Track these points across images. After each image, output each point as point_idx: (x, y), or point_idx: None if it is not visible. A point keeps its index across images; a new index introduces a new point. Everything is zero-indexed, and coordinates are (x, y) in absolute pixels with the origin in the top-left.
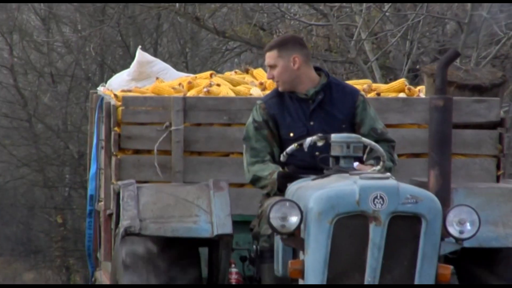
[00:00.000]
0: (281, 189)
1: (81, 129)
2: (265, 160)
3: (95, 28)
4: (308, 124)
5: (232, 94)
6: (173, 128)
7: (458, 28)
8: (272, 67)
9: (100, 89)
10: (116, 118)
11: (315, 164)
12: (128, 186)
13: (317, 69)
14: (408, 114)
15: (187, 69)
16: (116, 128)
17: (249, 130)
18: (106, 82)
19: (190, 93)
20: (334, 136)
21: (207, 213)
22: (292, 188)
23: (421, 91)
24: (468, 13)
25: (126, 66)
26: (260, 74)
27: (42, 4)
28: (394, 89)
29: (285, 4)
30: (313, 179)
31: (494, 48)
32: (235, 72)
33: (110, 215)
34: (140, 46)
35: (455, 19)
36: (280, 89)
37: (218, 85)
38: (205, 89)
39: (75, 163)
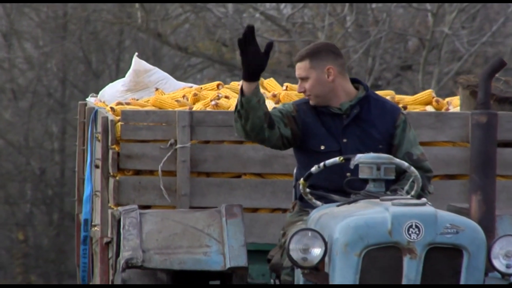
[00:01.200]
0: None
1: (42, 145)
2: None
3: (56, 44)
4: (340, 140)
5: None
6: (178, 146)
7: (420, 45)
8: (304, 79)
9: (91, 100)
10: (115, 134)
11: (343, 187)
12: (130, 212)
13: (355, 81)
14: (441, 131)
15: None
16: (114, 146)
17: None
18: (95, 93)
19: (197, 107)
20: (361, 156)
21: (219, 243)
22: (315, 215)
23: (450, 103)
24: (430, 29)
25: (87, 82)
26: (272, 84)
27: (3, 20)
28: (420, 101)
29: (247, 20)
30: (338, 205)
31: (456, 64)
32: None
33: (108, 243)
34: (136, 53)
35: (417, 35)
36: (311, 103)
37: (227, 97)
38: (212, 102)
39: (36, 179)
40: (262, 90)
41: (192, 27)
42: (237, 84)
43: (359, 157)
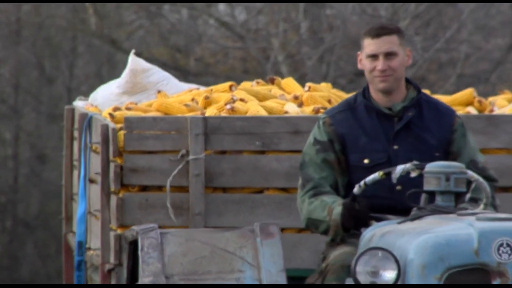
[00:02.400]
0: (348, 230)
1: None
2: (323, 192)
3: (9, 50)
4: (390, 148)
5: (263, 112)
6: (190, 157)
7: None
8: (390, 55)
9: (80, 104)
10: (117, 145)
11: (394, 202)
12: (149, 232)
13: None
14: (494, 136)
15: None
16: (116, 159)
17: (308, 153)
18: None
19: (209, 112)
20: (429, 166)
21: (253, 268)
22: (369, 234)
23: (493, 103)
24: None
25: (41, 88)
26: (291, 85)
27: None
28: (460, 101)
29: (201, 27)
30: (400, 222)
31: (410, 70)
32: (257, 83)
33: (110, 270)
34: (133, 51)
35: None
36: (382, 86)
37: (242, 100)
38: (227, 106)
39: None
40: (280, 92)
41: (147, 33)
42: (250, 85)
43: (400, 169)
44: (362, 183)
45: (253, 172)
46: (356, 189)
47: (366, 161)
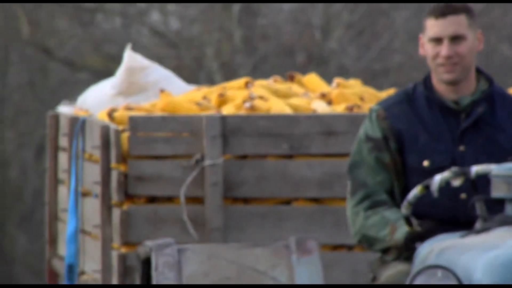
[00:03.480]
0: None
1: None
2: (380, 203)
3: None
4: (456, 149)
5: (288, 110)
6: (206, 163)
7: (308, 60)
8: (458, 39)
9: (65, 110)
10: (120, 149)
11: (457, 213)
12: (164, 248)
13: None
14: None
15: (38, 101)
16: (119, 165)
17: (358, 152)
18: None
19: (226, 111)
20: (498, 168)
21: None
22: (427, 250)
23: None
24: (318, 45)
25: None
26: (314, 82)
27: None
28: None
29: (135, 35)
30: (463, 236)
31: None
32: (275, 81)
33: None
34: (129, 45)
35: (305, 51)
36: (447, 77)
37: (262, 97)
38: (246, 104)
39: None
40: (301, 89)
41: (80, 42)
42: (267, 83)
43: (438, 180)
44: (405, 202)
45: (279, 180)
46: (404, 209)
47: (426, 163)
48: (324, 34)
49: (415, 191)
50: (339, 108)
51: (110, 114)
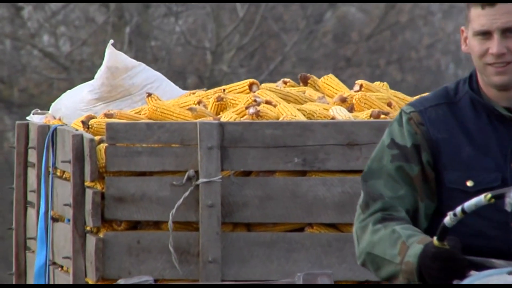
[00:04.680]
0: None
1: None
2: (396, 218)
3: None
4: (507, 166)
5: (301, 117)
6: (201, 180)
7: (199, 82)
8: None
9: (36, 119)
10: (96, 164)
11: (507, 244)
12: None
13: None
14: None
15: None
16: (95, 183)
17: (379, 159)
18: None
19: (226, 117)
20: None
21: None
22: None
23: None
24: (209, 67)
25: None
26: (332, 84)
27: None
28: None
29: (25, 58)
30: None
31: None
32: (284, 83)
33: None
34: (111, 41)
35: (196, 73)
36: (498, 80)
37: (269, 102)
38: (250, 110)
39: None
40: (317, 93)
41: None
42: (275, 86)
43: None
44: (458, 209)
45: (289, 202)
46: (448, 220)
47: (469, 183)
48: (215, 57)
49: (481, 199)
50: (362, 115)
51: (85, 122)
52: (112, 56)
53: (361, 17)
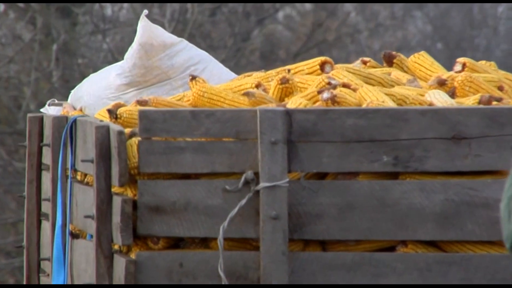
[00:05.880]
0: None
1: None
2: None
3: None
4: None
5: (390, 103)
6: (262, 185)
7: None
8: None
9: (52, 111)
10: (126, 164)
11: None
12: None
13: None
14: None
15: None
16: (125, 189)
17: None
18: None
19: (293, 104)
20: None
21: None
22: None
23: None
24: None
25: None
26: (425, 64)
27: None
28: None
29: None
30: None
31: None
32: (363, 62)
33: None
34: (146, 11)
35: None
36: None
37: (347, 85)
38: (324, 95)
39: None
40: (406, 75)
41: None
42: (352, 66)
43: None
44: None
45: (376, 212)
46: None
47: None
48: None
49: None
50: (469, 101)
51: (113, 111)
52: (147, 30)
53: (288, 35)
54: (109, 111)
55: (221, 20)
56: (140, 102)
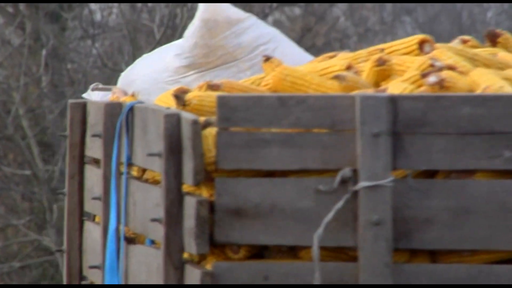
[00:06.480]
0: None
1: None
2: None
3: None
4: None
5: (508, 89)
6: (362, 185)
7: None
8: None
9: (96, 96)
10: (201, 159)
11: None
12: None
13: None
14: None
15: None
16: (199, 189)
17: None
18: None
19: (394, 88)
20: None
21: None
22: None
23: None
24: None
25: None
26: None
27: None
28: None
29: None
30: None
31: None
32: (463, 42)
33: None
34: None
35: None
36: None
37: (452, 68)
38: (430, 79)
39: None
40: (506, 54)
41: None
42: (452, 45)
43: None
44: None
45: (497, 218)
46: None
47: None
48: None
49: None
50: None
51: (180, 97)
52: (210, 5)
53: None
54: (176, 96)
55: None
56: (211, 86)
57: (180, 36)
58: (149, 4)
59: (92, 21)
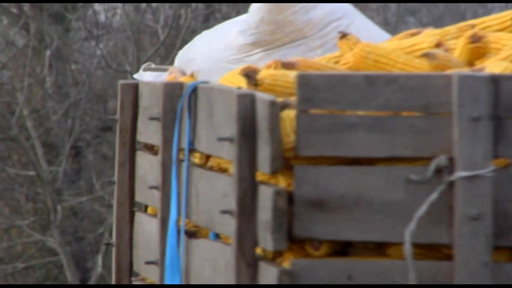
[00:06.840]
0: None
1: None
2: None
3: None
4: None
5: None
6: (459, 174)
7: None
8: None
9: (149, 76)
10: (279, 145)
11: None
12: None
13: None
14: None
15: None
16: (276, 177)
17: None
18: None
19: (493, 67)
20: None
21: None
22: None
23: None
24: None
25: None
26: None
27: None
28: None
29: None
30: None
31: None
32: None
33: None
34: None
35: (117, 96)
36: None
37: None
38: None
39: None
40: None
41: None
42: None
43: None
44: None
45: None
46: None
47: None
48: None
49: None
50: None
51: (251, 76)
52: None
53: None
54: (247, 75)
55: (215, 26)
56: (286, 65)
57: (184, 37)
58: (153, 5)
59: (96, 22)
